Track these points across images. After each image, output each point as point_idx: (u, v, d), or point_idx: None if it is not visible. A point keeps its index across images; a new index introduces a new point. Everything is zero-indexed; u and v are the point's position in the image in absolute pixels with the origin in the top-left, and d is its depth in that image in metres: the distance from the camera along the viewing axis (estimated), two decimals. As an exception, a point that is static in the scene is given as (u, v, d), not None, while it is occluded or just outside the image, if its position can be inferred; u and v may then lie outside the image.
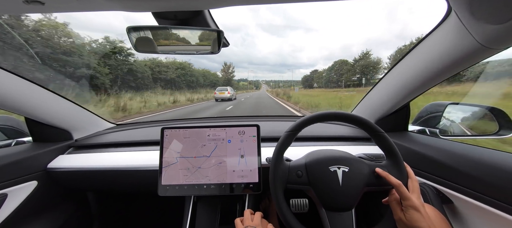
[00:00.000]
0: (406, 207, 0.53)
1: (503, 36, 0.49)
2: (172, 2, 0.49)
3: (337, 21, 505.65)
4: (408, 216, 0.52)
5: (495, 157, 0.61)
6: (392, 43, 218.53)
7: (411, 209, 0.52)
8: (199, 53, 0.70)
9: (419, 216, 0.51)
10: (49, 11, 0.53)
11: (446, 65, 0.66)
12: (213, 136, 0.83)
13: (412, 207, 0.52)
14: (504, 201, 0.54)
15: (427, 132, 0.95)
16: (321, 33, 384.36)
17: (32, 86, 0.86)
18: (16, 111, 0.88)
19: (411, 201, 0.53)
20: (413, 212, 0.52)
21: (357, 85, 54.89)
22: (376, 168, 0.62)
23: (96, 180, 0.98)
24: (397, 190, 0.55)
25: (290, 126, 0.68)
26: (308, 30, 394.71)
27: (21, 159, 0.86)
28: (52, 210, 1.00)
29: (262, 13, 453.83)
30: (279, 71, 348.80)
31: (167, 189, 0.79)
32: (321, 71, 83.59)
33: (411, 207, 0.52)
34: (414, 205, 0.52)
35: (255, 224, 0.65)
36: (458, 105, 0.96)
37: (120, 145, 1.06)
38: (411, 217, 0.52)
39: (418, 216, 0.51)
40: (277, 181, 0.64)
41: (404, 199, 0.54)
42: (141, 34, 0.65)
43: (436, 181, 0.72)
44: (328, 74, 72.87)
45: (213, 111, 10.37)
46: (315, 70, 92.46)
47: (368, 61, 57.78)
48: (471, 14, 0.49)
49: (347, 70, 62.78)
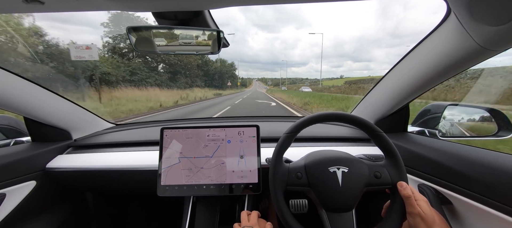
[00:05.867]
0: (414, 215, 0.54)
1: (502, 38, 0.49)
2: (172, 2, 0.49)
3: (330, 17, 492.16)
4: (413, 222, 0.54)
5: (494, 158, 0.61)
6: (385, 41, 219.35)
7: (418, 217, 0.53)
8: (199, 53, 0.70)
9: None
10: (49, 11, 0.53)
11: (446, 66, 0.66)
12: (212, 136, 0.83)
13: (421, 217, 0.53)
14: (503, 202, 0.54)
15: (426, 133, 0.96)
16: (313, 29, 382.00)
17: (31, 86, 0.86)
18: (15, 111, 0.87)
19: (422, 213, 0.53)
20: (421, 221, 0.52)
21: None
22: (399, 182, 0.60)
23: (95, 180, 0.97)
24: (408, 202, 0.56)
25: (289, 127, 0.68)
26: (300, 26, 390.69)
27: (20, 158, 0.85)
28: (50, 210, 1.00)
29: (253, 7, 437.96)
30: (270, 70, 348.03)
31: (166, 189, 0.79)
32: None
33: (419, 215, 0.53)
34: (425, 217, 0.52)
35: (251, 224, 0.64)
36: (457, 106, 0.97)
37: (119, 145, 1.06)
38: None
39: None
40: (276, 182, 0.64)
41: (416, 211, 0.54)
42: (141, 34, 0.65)
43: (435, 182, 0.72)
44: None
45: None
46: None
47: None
48: (471, 15, 0.49)
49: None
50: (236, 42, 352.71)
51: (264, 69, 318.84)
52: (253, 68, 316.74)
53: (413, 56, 0.76)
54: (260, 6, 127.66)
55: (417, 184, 0.78)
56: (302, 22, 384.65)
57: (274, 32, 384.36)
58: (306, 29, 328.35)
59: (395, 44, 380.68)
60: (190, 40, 0.66)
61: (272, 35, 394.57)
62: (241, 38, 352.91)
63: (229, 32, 78.40)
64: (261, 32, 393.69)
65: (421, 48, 0.72)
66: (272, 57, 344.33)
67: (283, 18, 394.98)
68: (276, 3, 0.52)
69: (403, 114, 0.97)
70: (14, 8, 0.52)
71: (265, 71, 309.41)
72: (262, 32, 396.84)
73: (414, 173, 0.79)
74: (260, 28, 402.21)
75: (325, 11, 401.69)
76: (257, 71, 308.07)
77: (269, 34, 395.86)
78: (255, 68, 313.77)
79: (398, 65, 0.84)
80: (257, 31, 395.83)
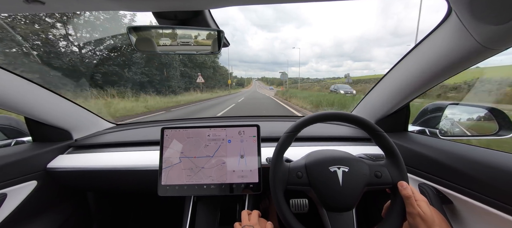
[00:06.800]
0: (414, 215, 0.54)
1: (503, 37, 0.49)
2: (172, 2, 0.49)
3: (330, 17, 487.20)
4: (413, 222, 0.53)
5: (495, 157, 0.61)
6: (385, 40, 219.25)
7: (418, 217, 0.53)
8: (199, 53, 0.70)
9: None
10: (49, 11, 0.53)
11: (446, 65, 0.66)
12: (213, 136, 0.83)
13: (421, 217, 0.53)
14: (504, 201, 0.54)
15: (427, 132, 0.96)
16: (314, 28, 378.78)
17: (32, 86, 0.86)
18: (16, 111, 0.87)
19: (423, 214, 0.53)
20: (421, 222, 0.52)
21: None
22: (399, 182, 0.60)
23: (96, 180, 0.98)
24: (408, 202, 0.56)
25: (290, 127, 0.68)
26: (300, 25, 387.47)
27: (20, 158, 0.86)
28: (51, 210, 1.00)
29: (253, 7, 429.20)
30: (270, 69, 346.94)
31: (167, 189, 0.79)
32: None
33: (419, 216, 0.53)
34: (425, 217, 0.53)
35: (252, 223, 0.65)
36: (458, 105, 0.96)
37: (120, 145, 1.06)
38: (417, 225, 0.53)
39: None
40: (277, 182, 0.64)
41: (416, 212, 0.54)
42: (141, 34, 0.65)
43: (436, 181, 0.72)
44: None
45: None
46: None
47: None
48: (472, 14, 0.49)
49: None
50: (235, 42, 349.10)
51: (264, 69, 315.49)
52: (253, 68, 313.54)
53: (414, 55, 0.76)
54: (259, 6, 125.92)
55: (417, 183, 0.78)
56: (302, 22, 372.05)
57: (273, 32, 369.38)
58: (306, 28, 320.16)
59: (395, 43, 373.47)
60: (190, 40, 0.66)
61: (272, 34, 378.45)
62: (240, 38, 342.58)
63: (228, 32, 73.04)
64: (261, 32, 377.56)
65: (421, 48, 0.72)
66: (272, 57, 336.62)
67: (283, 17, 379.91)
68: (276, 3, 0.52)
69: (403, 113, 0.97)
70: (14, 8, 0.52)
71: (265, 71, 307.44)
72: (262, 31, 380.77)
73: (414, 173, 0.79)
74: (259, 28, 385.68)
75: (325, 11, 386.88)
76: (257, 71, 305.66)
77: (269, 34, 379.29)
78: (255, 68, 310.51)
79: (399, 64, 0.84)
80: (257, 31, 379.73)
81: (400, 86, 0.85)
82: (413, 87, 0.81)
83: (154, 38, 0.65)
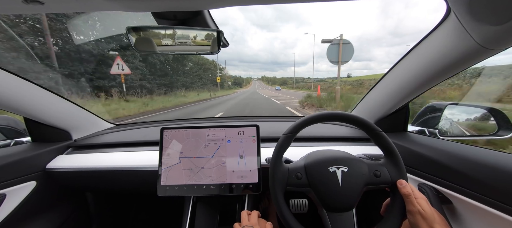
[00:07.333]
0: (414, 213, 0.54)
1: (502, 37, 0.49)
2: (172, 2, 0.49)
3: (330, 17, 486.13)
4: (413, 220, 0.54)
5: (494, 158, 0.61)
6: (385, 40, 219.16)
7: (419, 215, 0.53)
8: (199, 53, 0.70)
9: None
10: (49, 11, 0.53)
11: (445, 65, 0.66)
12: (212, 136, 0.83)
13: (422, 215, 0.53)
14: (503, 201, 0.54)
15: (426, 132, 0.96)
16: (313, 28, 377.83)
17: (31, 86, 0.86)
18: (15, 111, 0.87)
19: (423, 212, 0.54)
20: (421, 219, 0.53)
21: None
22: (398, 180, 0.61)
23: (95, 180, 0.97)
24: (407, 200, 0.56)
25: (289, 128, 0.68)
26: (300, 24, 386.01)
27: (20, 159, 0.85)
28: (51, 210, 1.00)
29: (252, 7, 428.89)
30: (270, 69, 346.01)
31: (166, 190, 0.79)
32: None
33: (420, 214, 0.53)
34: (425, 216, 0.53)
35: (252, 223, 0.64)
36: (457, 105, 0.97)
37: (120, 145, 1.06)
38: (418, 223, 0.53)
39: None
40: (276, 183, 0.64)
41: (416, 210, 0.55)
42: (141, 34, 0.65)
43: (435, 181, 0.72)
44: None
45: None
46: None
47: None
48: (470, 15, 0.49)
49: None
50: (235, 41, 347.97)
51: (264, 69, 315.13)
52: (253, 68, 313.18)
53: (413, 55, 0.76)
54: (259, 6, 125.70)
55: (417, 183, 0.78)
56: (302, 21, 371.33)
57: (273, 32, 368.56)
58: (306, 28, 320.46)
59: (395, 43, 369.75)
60: (189, 40, 0.66)
61: (272, 34, 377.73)
62: (240, 37, 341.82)
63: (228, 32, 71.42)
64: (260, 32, 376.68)
65: (420, 48, 0.72)
66: (272, 57, 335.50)
67: (283, 17, 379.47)
68: (275, 3, 0.52)
69: (403, 113, 0.97)
70: (13, 8, 0.52)
71: (265, 71, 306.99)
72: (261, 31, 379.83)
73: (414, 173, 0.79)
74: (259, 28, 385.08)
75: (325, 10, 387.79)
76: (257, 71, 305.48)
77: (269, 34, 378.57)
78: (255, 68, 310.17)
79: (398, 64, 0.84)
80: (256, 31, 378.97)
81: (400, 87, 0.85)
82: (412, 87, 0.81)
83: (153, 38, 0.65)
